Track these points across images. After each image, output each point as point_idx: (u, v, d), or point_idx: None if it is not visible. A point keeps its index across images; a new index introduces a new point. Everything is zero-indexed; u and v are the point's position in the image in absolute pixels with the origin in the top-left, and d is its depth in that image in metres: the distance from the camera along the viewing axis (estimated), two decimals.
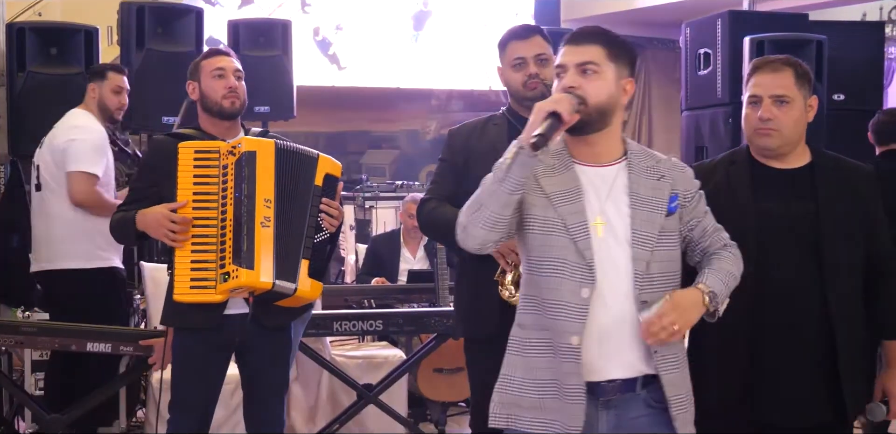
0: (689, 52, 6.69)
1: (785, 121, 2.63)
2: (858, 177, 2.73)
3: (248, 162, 3.11)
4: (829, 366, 2.60)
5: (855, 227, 2.65)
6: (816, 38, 6.05)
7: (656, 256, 2.31)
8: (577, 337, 2.25)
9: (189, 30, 5.73)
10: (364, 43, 9.80)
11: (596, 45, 2.34)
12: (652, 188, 2.34)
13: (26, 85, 5.32)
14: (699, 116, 6.60)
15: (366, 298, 5.44)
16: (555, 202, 2.30)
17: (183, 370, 3.31)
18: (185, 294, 3.09)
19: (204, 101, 3.33)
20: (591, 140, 2.35)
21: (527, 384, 2.34)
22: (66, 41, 5.42)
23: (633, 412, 2.32)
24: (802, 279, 2.58)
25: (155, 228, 3.09)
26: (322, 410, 5.01)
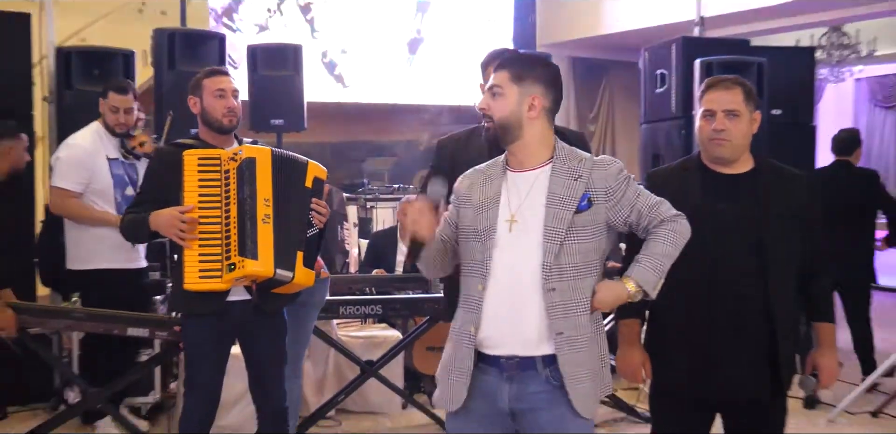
0: (648, 73, 6.70)
1: (735, 132, 2.64)
2: (795, 182, 2.72)
3: (248, 167, 3.11)
4: (767, 345, 2.60)
5: (792, 227, 2.64)
6: (757, 60, 6.06)
7: (566, 249, 2.30)
8: (473, 326, 2.33)
9: (213, 53, 5.72)
10: (366, 64, 9.80)
11: (502, 70, 2.39)
12: (567, 187, 2.34)
13: (72, 101, 5.30)
14: (656, 128, 6.61)
15: (367, 286, 5.44)
16: (479, 210, 2.38)
17: (193, 353, 3.29)
18: (194, 283, 3.08)
19: (205, 116, 3.30)
20: (511, 150, 2.41)
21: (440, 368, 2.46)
22: (106, 63, 5.41)
23: (532, 388, 2.32)
24: (747, 270, 2.57)
25: (166, 228, 3.07)
26: (329, 383, 5.02)
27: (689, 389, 2.63)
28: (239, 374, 3.61)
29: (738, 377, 2.59)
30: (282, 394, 3.44)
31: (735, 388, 2.59)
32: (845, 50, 10.31)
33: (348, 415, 5.01)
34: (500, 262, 2.32)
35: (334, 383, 5.00)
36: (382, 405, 5.11)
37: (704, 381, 2.60)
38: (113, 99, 4.47)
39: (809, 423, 4.85)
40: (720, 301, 2.57)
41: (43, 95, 5.65)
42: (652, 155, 6.58)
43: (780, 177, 2.71)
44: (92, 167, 4.37)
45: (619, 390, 5.15)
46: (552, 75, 2.42)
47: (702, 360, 2.58)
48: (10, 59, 5.09)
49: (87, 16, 8.49)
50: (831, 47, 10.32)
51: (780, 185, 2.68)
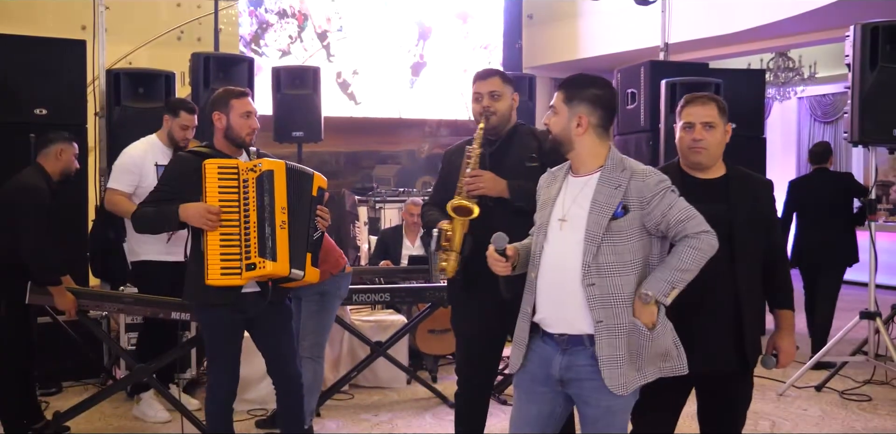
0: (620, 92, 6.69)
1: (711, 141, 2.64)
2: (759, 186, 2.73)
3: (268, 178, 3.09)
4: (735, 327, 2.61)
5: (756, 224, 2.65)
6: (715, 81, 6.07)
7: (603, 250, 2.31)
8: (530, 307, 2.44)
9: (243, 74, 5.70)
10: (375, 84, 9.78)
11: (559, 92, 2.46)
12: (607, 195, 2.35)
13: (120, 116, 5.29)
14: (627, 140, 6.61)
15: (376, 277, 5.44)
16: (542, 208, 2.51)
17: (212, 338, 3.26)
18: (216, 279, 3.05)
19: (229, 132, 3.22)
20: (569, 158, 2.48)
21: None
22: (150, 83, 5.39)
23: (581, 360, 2.36)
24: (718, 262, 2.53)
25: (196, 218, 3.02)
26: (343, 361, 5.02)
27: None
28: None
29: (710, 354, 2.58)
30: (296, 372, 3.40)
31: (707, 363, 2.58)
32: (790, 72, 10.31)
33: (360, 389, 5.00)
34: (549, 255, 2.41)
35: (348, 361, 5.00)
36: (390, 381, 5.11)
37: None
38: (184, 118, 4.43)
39: (761, 397, 4.84)
40: (695, 288, 2.54)
41: (95, 111, 5.64)
42: None
43: (747, 182, 2.71)
44: (140, 172, 4.35)
45: None
46: (600, 95, 2.42)
47: (679, 338, 2.56)
48: (68, 80, 5.10)
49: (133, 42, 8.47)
50: (778, 70, 10.32)
51: (748, 189, 2.69)
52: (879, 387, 5.09)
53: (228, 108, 3.24)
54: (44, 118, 4.95)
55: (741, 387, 2.71)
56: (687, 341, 2.52)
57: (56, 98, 5.03)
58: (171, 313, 4.00)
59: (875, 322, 4.98)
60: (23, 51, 4.98)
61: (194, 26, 9.43)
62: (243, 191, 3.09)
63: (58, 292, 3.85)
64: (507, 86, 3.19)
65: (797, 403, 4.76)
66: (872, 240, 5.09)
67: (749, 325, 2.61)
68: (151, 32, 9.04)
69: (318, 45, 9.59)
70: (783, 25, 8.30)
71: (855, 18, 5.18)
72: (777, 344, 2.74)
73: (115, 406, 4.58)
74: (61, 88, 5.05)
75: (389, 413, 4.58)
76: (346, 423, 4.38)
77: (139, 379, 4.17)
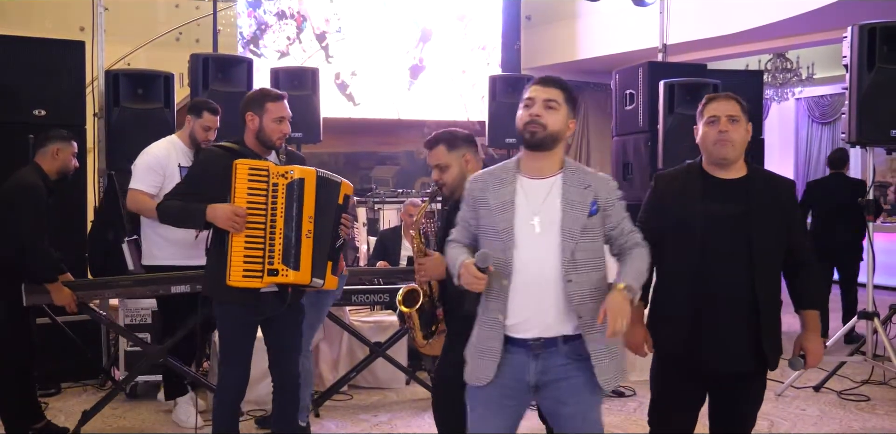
0: (618, 93, 6.72)
1: (736, 135, 2.62)
2: (781, 188, 2.69)
3: (298, 186, 3.09)
4: (753, 327, 2.59)
5: (776, 225, 2.62)
6: (712, 82, 6.09)
7: (580, 246, 2.33)
8: (501, 314, 2.35)
9: (242, 75, 5.71)
10: (373, 85, 9.79)
11: (558, 88, 2.41)
12: (579, 194, 2.37)
13: (119, 117, 5.28)
14: (625, 141, 6.62)
15: (375, 277, 5.41)
16: (494, 212, 2.38)
17: (228, 335, 3.27)
18: (237, 281, 3.06)
19: (260, 134, 3.22)
20: (539, 156, 2.40)
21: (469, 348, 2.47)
22: (149, 84, 5.39)
23: (556, 361, 2.36)
24: (737, 262, 2.56)
25: (223, 220, 3.01)
26: (343, 362, 5.02)
27: (685, 362, 2.63)
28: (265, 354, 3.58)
29: (725, 354, 2.58)
30: (296, 372, 3.44)
31: (725, 364, 2.58)
32: (788, 73, 10.33)
33: (359, 390, 5.01)
34: (522, 259, 2.33)
35: (347, 362, 5.00)
36: (389, 381, 5.11)
37: (698, 355, 2.60)
38: (207, 119, 4.30)
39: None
40: (713, 288, 2.56)
41: (94, 112, 5.65)
42: (623, 163, 6.60)
43: (769, 182, 2.68)
44: (164, 172, 4.22)
45: None
46: (578, 105, 2.46)
47: (696, 338, 2.58)
48: (67, 80, 5.10)
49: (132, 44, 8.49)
50: (776, 71, 10.34)
51: (769, 189, 2.66)
52: (877, 387, 5.10)
53: (263, 110, 3.23)
54: (43, 119, 4.96)
55: (755, 387, 2.70)
56: (705, 342, 2.55)
57: (55, 99, 5.04)
58: (172, 288, 4.03)
59: (873, 322, 4.99)
60: (22, 52, 5.00)
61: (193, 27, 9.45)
62: (272, 195, 3.08)
63: (55, 289, 3.86)
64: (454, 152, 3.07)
65: (795, 403, 4.77)
66: (870, 240, 5.11)
67: (766, 326, 2.60)
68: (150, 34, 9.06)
69: (317, 47, 9.59)
70: (781, 26, 8.32)
71: (852, 19, 5.19)
72: (804, 345, 2.71)
73: (114, 407, 4.57)
74: (60, 89, 5.06)
75: (388, 413, 4.58)
76: (345, 424, 4.38)
77: (155, 360, 4.17)
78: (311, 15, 9.55)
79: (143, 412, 4.57)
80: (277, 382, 3.43)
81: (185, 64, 5.73)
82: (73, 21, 8.63)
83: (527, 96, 2.41)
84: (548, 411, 2.46)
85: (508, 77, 7.40)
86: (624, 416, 4.49)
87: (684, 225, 2.60)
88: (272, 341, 3.39)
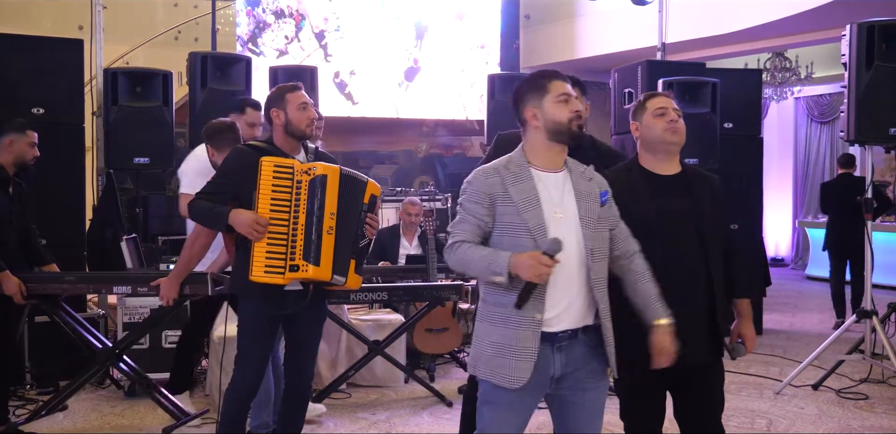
0: (617, 91, 6.71)
1: (682, 126, 2.73)
2: (713, 182, 2.80)
3: (321, 183, 3.07)
4: (710, 318, 2.66)
5: (717, 216, 2.73)
6: (712, 81, 6.09)
7: (597, 236, 2.36)
8: (539, 313, 2.29)
9: (240, 74, 5.73)
10: (372, 84, 9.80)
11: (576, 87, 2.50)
12: (588, 186, 2.41)
13: (118, 115, 5.30)
14: (625, 139, 6.60)
15: (374, 276, 5.41)
16: (521, 209, 2.31)
17: (248, 331, 3.24)
18: (259, 276, 3.04)
19: (289, 126, 3.20)
20: (562, 151, 2.42)
21: (485, 344, 2.37)
22: (148, 82, 5.40)
23: (576, 351, 2.37)
24: (692, 253, 2.63)
25: (244, 227, 3.01)
26: (341, 360, 5.01)
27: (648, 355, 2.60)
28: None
29: (687, 345, 2.57)
30: (311, 370, 3.43)
31: (687, 355, 2.58)
32: (787, 72, 10.33)
33: (357, 388, 5.01)
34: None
35: (346, 360, 5.00)
36: (387, 379, 5.11)
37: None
38: (251, 114, 4.21)
39: (759, 395, 4.86)
40: (671, 281, 2.57)
41: (93, 110, 5.65)
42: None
43: (702, 177, 2.80)
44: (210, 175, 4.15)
45: None
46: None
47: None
48: (66, 79, 5.10)
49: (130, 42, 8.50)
50: (775, 70, 10.34)
51: (704, 183, 2.77)
52: (876, 385, 5.10)
53: (284, 102, 3.22)
54: (41, 117, 4.95)
55: (718, 373, 2.76)
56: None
57: (54, 97, 5.04)
58: (113, 288, 3.95)
59: (871, 321, 5.00)
60: (20, 50, 5.00)
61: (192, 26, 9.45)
62: (296, 192, 3.08)
63: (4, 277, 3.81)
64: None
65: (794, 402, 4.77)
66: (869, 239, 5.11)
67: (721, 315, 2.68)
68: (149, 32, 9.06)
69: (316, 45, 9.60)
70: (780, 25, 8.33)
71: (851, 18, 5.20)
72: (742, 332, 2.80)
73: (113, 405, 4.58)
74: (59, 87, 5.06)
75: (387, 412, 4.58)
76: (344, 422, 4.38)
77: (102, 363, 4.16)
78: (309, 13, 9.56)
79: (142, 410, 4.56)
80: (290, 379, 3.41)
81: (183, 62, 5.74)
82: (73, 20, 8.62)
83: (562, 92, 2.40)
84: (564, 400, 2.42)
85: (507, 76, 7.40)
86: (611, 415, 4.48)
87: (641, 221, 2.62)
88: (291, 338, 3.38)
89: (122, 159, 5.32)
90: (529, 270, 2.19)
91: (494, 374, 2.32)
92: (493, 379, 2.33)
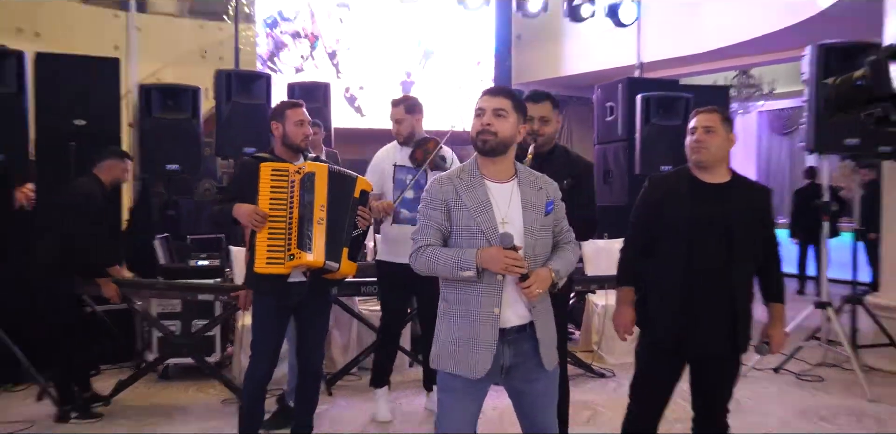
0: (599, 105, 6.76)
1: (711, 142, 2.67)
2: (757, 193, 2.74)
3: (309, 179, 3.10)
4: (730, 316, 2.64)
5: (752, 226, 2.67)
6: (685, 96, 6.13)
7: (539, 243, 2.34)
8: (497, 307, 2.30)
9: (262, 89, 5.74)
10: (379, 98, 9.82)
11: (504, 97, 2.37)
12: (535, 196, 2.37)
13: (151, 126, 5.33)
14: (606, 149, 6.66)
15: None
16: (473, 213, 2.31)
17: (260, 323, 3.28)
18: (262, 268, 3.09)
19: (285, 139, 3.28)
20: (495, 161, 2.37)
21: (447, 340, 2.35)
22: (178, 96, 5.42)
23: (524, 345, 2.36)
24: (717, 258, 2.60)
25: (245, 218, 3.08)
26: (352, 346, 5.03)
27: (669, 343, 2.68)
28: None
29: (705, 337, 2.62)
30: (321, 356, 3.44)
31: (703, 345, 2.63)
32: (751, 88, 10.40)
33: (367, 371, 4.90)
34: None
35: (356, 346, 5.02)
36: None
37: (681, 337, 2.65)
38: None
39: None
40: (696, 280, 2.60)
41: (128, 122, 5.67)
42: (604, 170, 6.64)
43: (749, 188, 2.74)
44: (380, 171, 4.06)
45: (578, 352, 5.19)
46: (526, 111, 2.45)
47: (680, 322, 2.63)
48: (104, 94, 5.13)
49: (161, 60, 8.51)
50: (741, 86, 10.40)
51: (748, 195, 2.71)
52: (830, 369, 5.13)
53: (284, 117, 3.28)
54: (82, 128, 4.98)
55: (732, 367, 2.75)
56: (685, 325, 2.60)
57: (94, 110, 5.05)
58: (199, 295, 4.21)
59: (827, 311, 5.03)
60: (65, 68, 5.03)
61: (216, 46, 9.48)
62: (290, 190, 3.11)
63: (104, 283, 4.04)
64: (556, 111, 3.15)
65: (759, 383, 4.81)
66: (824, 238, 5.15)
67: (741, 315, 2.65)
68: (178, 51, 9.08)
69: (329, 63, 9.62)
70: (745, 46, 8.37)
71: (808, 40, 5.24)
72: (769, 333, 2.76)
73: (148, 387, 4.61)
74: (98, 101, 5.08)
75: (393, 392, 4.57)
76: (356, 401, 4.40)
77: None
78: (323, 35, 9.59)
79: (174, 391, 4.60)
80: (302, 365, 3.42)
81: (208, 78, 5.76)
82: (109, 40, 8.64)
83: (477, 106, 2.37)
84: (517, 389, 2.43)
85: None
86: (605, 395, 4.53)
87: (674, 223, 2.64)
88: (301, 327, 3.40)
89: (155, 166, 5.34)
90: (497, 263, 2.22)
91: (458, 367, 2.31)
92: (457, 371, 2.32)
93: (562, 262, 2.38)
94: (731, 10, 8.14)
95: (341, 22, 9.62)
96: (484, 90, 2.43)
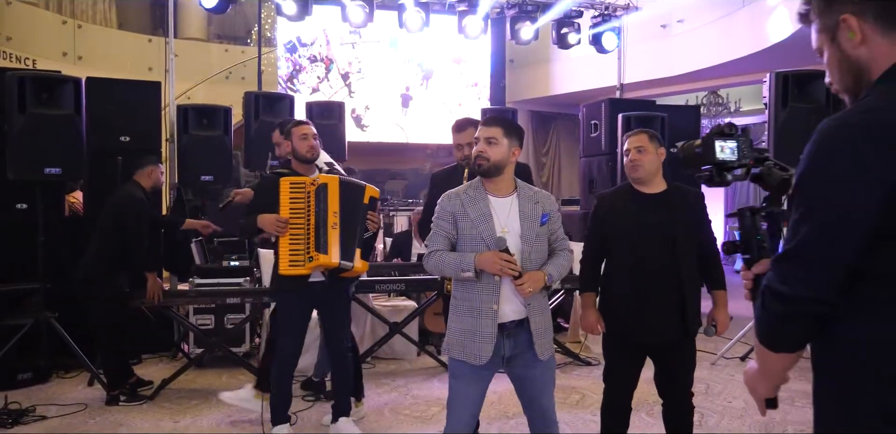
0: (585, 122, 6.84)
1: (644, 160, 2.75)
2: (692, 197, 2.82)
3: (323, 190, 3.20)
4: (679, 307, 2.72)
5: (692, 227, 2.76)
6: (661, 115, 6.20)
7: (534, 249, 2.45)
8: (496, 304, 2.41)
9: (285, 108, 5.79)
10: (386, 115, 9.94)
11: (496, 126, 2.49)
12: (531, 209, 2.48)
13: (188, 142, 5.39)
14: (591, 161, 6.74)
15: (392, 271, 5.50)
16: (476, 223, 2.42)
17: (283, 318, 3.35)
18: (285, 270, 3.17)
19: (295, 153, 3.38)
20: (494, 181, 2.49)
21: (456, 331, 2.47)
22: (211, 115, 5.48)
23: (522, 337, 2.46)
24: (664, 259, 2.69)
25: (269, 226, 3.17)
26: (367, 338, 5.09)
27: (627, 335, 2.76)
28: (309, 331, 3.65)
29: (659, 327, 2.71)
30: (345, 343, 3.48)
31: (658, 334, 2.71)
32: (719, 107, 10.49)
33: (380, 360, 5.10)
34: None
35: (370, 338, 5.07)
36: (404, 353, 5.18)
37: (637, 329, 2.73)
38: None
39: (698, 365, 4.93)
40: (647, 279, 2.68)
41: (166, 137, 5.76)
42: (589, 180, 6.72)
43: (683, 194, 2.81)
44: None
45: (567, 343, 5.28)
46: (522, 135, 2.56)
47: (636, 316, 2.71)
48: (147, 113, 5.21)
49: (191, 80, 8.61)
50: (710, 105, 10.49)
51: (684, 200, 2.79)
52: None
53: (291, 134, 3.40)
54: (128, 144, 5.08)
55: (687, 351, 2.83)
56: (641, 318, 2.69)
57: (136, 127, 5.14)
58: (227, 299, 4.27)
59: None
60: (111, 90, 5.12)
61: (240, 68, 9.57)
62: (307, 200, 3.20)
63: (151, 278, 4.11)
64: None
65: (727, 370, 4.87)
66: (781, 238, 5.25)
67: (689, 305, 2.73)
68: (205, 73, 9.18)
69: (342, 84, 9.72)
70: (715, 70, 8.49)
71: (772, 65, 5.36)
72: (715, 317, 2.85)
73: (186, 374, 4.67)
74: (140, 120, 5.15)
75: (404, 379, 4.68)
76: (370, 387, 4.45)
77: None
78: (337, 59, 9.70)
79: (209, 378, 4.68)
80: (332, 353, 3.49)
81: (232, 96, 5.83)
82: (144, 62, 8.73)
83: (475, 136, 2.51)
84: (518, 376, 2.53)
85: (496, 109, 7.52)
86: (591, 381, 4.59)
87: (623, 230, 2.72)
88: (325, 322, 3.48)
89: (191, 177, 5.40)
90: (492, 265, 2.34)
91: (465, 354, 2.43)
92: (463, 358, 2.43)
93: (555, 267, 2.48)
94: (702, 39, 8.28)
95: (353, 47, 9.73)
96: (480, 121, 2.54)
